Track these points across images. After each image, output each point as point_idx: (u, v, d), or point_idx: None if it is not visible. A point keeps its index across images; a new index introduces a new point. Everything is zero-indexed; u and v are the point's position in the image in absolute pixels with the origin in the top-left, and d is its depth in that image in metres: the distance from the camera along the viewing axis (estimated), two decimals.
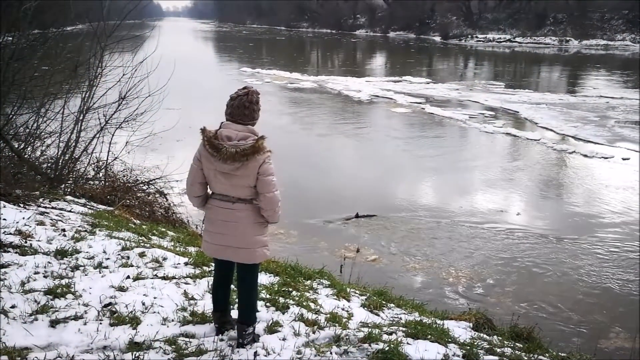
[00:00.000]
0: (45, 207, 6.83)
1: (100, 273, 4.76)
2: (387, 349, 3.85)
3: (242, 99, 3.64)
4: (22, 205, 6.62)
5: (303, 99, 25.10)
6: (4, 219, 5.73)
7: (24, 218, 5.95)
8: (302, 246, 8.86)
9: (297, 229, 9.46)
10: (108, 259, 5.15)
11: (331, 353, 3.79)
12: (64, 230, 5.90)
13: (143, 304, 4.22)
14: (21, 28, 8.11)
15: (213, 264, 5.30)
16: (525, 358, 4.32)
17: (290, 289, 4.94)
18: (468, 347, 4.19)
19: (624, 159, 14.90)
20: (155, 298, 4.35)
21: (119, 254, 5.29)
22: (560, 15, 68.83)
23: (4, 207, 6.14)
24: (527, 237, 9.48)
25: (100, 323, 3.89)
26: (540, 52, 55.47)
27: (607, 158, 14.95)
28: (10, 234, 5.38)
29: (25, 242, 5.24)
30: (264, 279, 5.10)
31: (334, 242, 9.08)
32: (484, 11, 76.99)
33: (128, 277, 4.71)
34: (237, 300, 3.93)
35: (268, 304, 4.46)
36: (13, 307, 3.96)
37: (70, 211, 6.95)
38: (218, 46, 64.97)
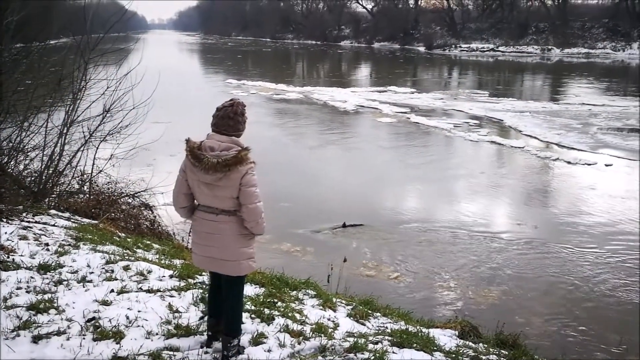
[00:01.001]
0: (29, 222, 6.77)
1: (84, 287, 4.73)
2: (372, 358, 3.86)
3: (227, 110, 3.67)
4: (5, 219, 6.56)
5: (289, 109, 25.14)
6: None
7: (6, 233, 5.90)
8: (289, 256, 8.85)
9: (284, 239, 9.44)
10: (92, 272, 5.11)
11: None
12: (47, 244, 5.85)
13: (127, 317, 4.20)
14: (4, 42, 8.07)
15: (198, 276, 5.31)
16: None
17: (276, 300, 4.93)
18: (453, 355, 4.20)
19: (606, 165, 15.08)
20: (139, 312, 4.32)
21: (103, 268, 5.25)
22: (542, 25, 69.79)
23: None
24: (517, 244, 9.54)
25: (84, 338, 3.86)
26: (523, 61, 56.12)
27: (590, 164, 15.11)
28: None
29: (8, 257, 5.19)
30: (249, 290, 5.08)
31: (322, 251, 9.06)
32: (467, 21, 77.79)
33: (112, 290, 4.68)
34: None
35: (253, 316, 4.45)
36: None
37: (54, 225, 6.90)
38: (204, 58, 64.96)
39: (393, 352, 4.05)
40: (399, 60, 56.83)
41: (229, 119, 3.65)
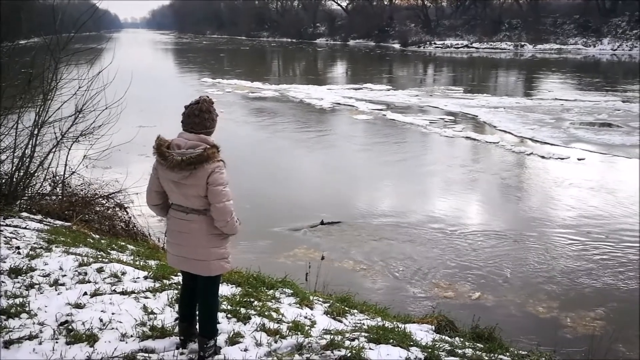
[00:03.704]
0: None
1: (56, 290, 4.65)
2: (349, 355, 3.87)
3: (193, 108, 3.64)
4: None
5: (265, 107, 25.07)
6: None
7: None
8: (267, 255, 8.81)
9: (261, 238, 9.40)
10: (64, 275, 5.03)
11: None
12: (18, 248, 5.74)
13: (101, 320, 4.13)
14: None
15: (174, 277, 5.26)
16: (486, 358, 4.39)
17: (252, 300, 4.90)
18: (429, 350, 4.22)
19: (579, 159, 15.32)
20: (113, 314, 4.26)
21: (76, 270, 5.17)
22: (515, 21, 70.68)
23: None
24: (492, 238, 9.64)
25: (56, 342, 3.79)
26: (496, 57, 56.74)
27: (563, 159, 15.35)
28: None
29: None
30: (225, 289, 5.05)
31: (300, 249, 9.07)
32: (441, 18, 78.43)
33: (85, 293, 4.60)
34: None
35: (229, 315, 4.42)
36: None
37: (25, 228, 6.78)
38: (179, 57, 64.36)
39: (370, 349, 4.05)
40: (374, 58, 57.03)
41: (195, 116, 3.62)
